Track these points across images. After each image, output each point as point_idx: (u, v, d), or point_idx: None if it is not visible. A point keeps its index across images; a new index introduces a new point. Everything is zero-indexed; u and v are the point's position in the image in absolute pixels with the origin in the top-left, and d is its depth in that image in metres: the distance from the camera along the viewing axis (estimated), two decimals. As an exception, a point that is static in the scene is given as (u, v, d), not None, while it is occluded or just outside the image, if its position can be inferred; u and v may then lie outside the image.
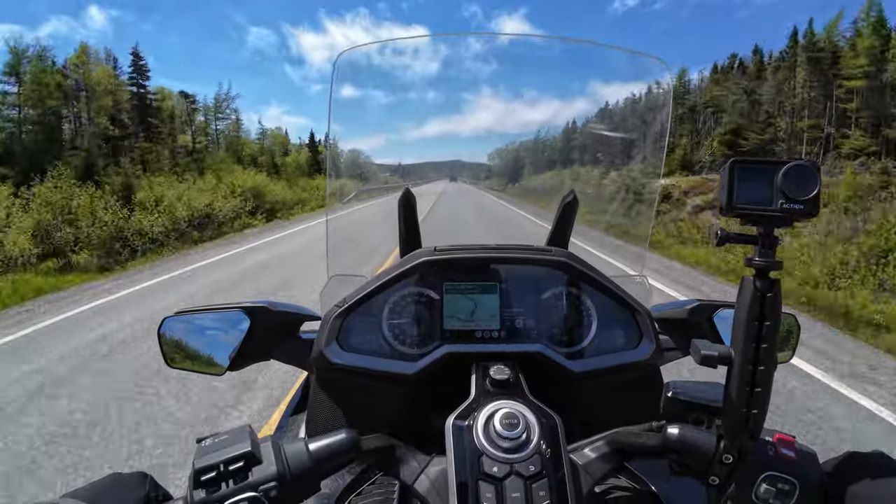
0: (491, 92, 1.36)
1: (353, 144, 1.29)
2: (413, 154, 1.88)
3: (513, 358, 0.73)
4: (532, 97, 1.38)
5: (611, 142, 1.39)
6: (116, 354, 4.33)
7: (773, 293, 0.46)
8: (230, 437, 0.50)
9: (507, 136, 2.01)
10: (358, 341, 0.79)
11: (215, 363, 0.81)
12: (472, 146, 1.98)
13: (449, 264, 0.80)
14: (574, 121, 1.55)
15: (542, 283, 0.82)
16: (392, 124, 1.39)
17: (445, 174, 2.50)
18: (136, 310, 5.85)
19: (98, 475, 0.54)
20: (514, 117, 1.49)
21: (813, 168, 0.45)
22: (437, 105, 1.44)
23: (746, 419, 0.48)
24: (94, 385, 3.68)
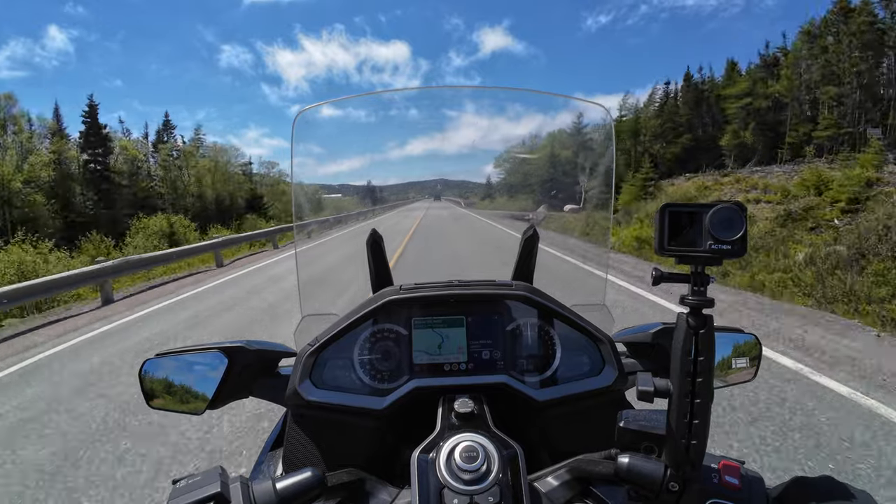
0: (441, 136, 1.43)
1: (321, 171, 1.32)
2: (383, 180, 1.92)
3: (479, 390, 0.76)
4: (486, 142, 1.44)
5: (564, 182, 1.46)
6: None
7: (705, 329, 0.49)
8: (202, 479, 0.52)
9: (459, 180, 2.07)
10: (330, 378, 0.81)
11: (195, 402, 0.82)
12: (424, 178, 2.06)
13: (415, 302, 0.83)
14: (526, 162, 1.62)
15: (507, 316, 0.85)
16: (356, 160, 1.44)
17: (427, 194, 2.55)
18: None
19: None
20: (468, 161, 1.55)
21: (738, 210, 0.48)
22: (388, 152, 1.50)
23: (686, 449, 0.51)
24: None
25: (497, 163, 1.68)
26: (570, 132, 1.29)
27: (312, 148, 1.15)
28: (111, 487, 2.53)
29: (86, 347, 5.36)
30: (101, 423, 3.30)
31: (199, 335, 5.49)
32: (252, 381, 0.86)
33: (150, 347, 5.09)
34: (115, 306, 7.72)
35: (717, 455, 0.55)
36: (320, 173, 1.31)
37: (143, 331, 5.89)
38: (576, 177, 1.36)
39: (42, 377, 4.43)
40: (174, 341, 5.35)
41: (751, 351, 0.91)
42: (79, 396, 3.84)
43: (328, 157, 1.26)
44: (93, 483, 2.59)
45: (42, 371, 4.63)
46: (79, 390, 3.97)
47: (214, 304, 7.24)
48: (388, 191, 2.30)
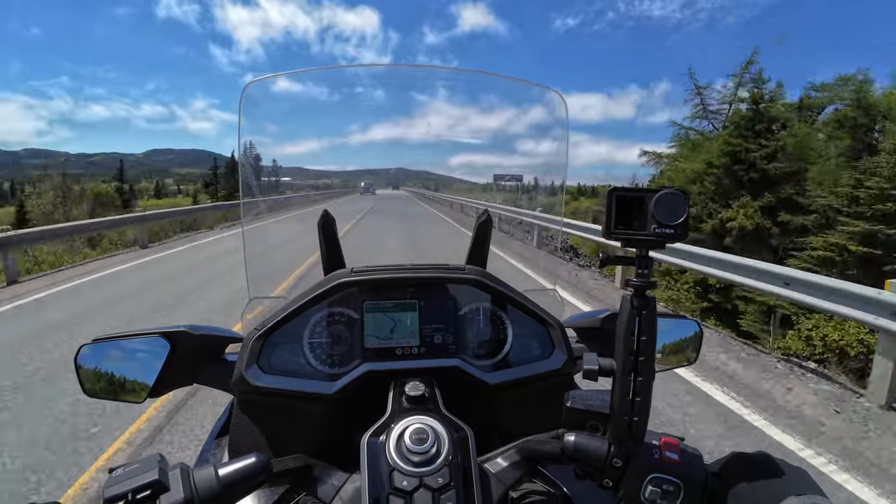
0: (396, 116, 1.41)
1: (276, 151, 1.27)
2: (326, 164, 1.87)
3: (431, 373, 0.76)
4: (442, 123, 1.43)
5: (518, 168, 1.49)
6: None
7: (648, 310, 0.51)
8: (140, 466, 0.50)
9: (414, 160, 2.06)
10: (279, 363, 0.79)
11: (136, 390, 0.79)
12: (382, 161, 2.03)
13: (367, 285, 0.82)
14: (479, 148, 1.64)
15: (460, 300, 0.86)
16: (314, 138, 1.40)
17: (387, 182, 2.52)
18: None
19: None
20: (420, 144, 1.54)
21: (682, 196, 0.50)
22: (341, 130, 1.46)
23: (629, 426, 0.53)
24: None
25: (456, 151, 1.68)
26: (528, 117, 1.30)
27: (265, 125, 1.10)
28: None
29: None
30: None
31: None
32: (196, 368, 0.83)
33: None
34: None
35: (659, 433, 0.57)
36: (275, 153, 1.26)
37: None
38: (531, 163, 1.38)
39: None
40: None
41: (692, 336, 0.96)
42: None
43: (282, 136, 1.21)
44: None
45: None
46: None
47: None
48: (345, 176, 2.25)
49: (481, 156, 1.63)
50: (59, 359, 4.04)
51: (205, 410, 3.13)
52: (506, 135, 1.40)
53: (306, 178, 1.88)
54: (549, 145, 1.23)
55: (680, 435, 0.58)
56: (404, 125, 1.48)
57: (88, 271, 8.31)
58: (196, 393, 3.30)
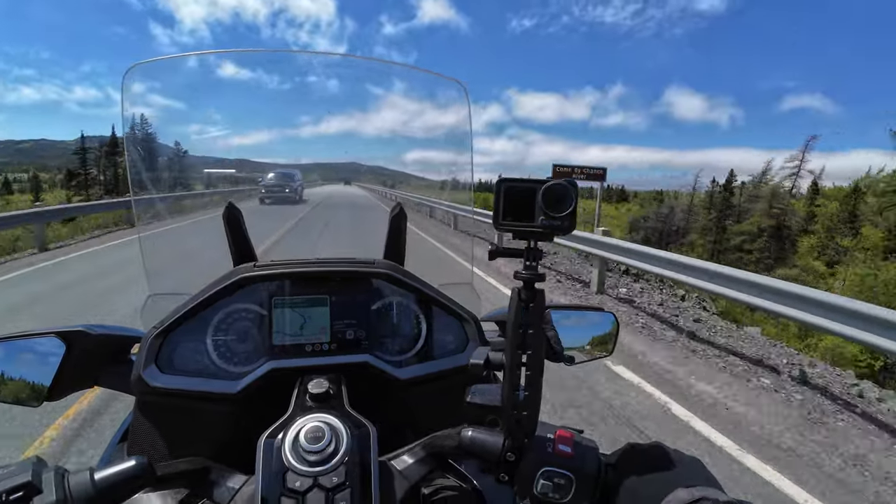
0: (295, 107, 1.35)
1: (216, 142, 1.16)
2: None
3: (340, 370, 0.74)
4: (341, 115, 1.39)
5: (425, 161, 1.49)
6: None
7: (536, 302, 0.51)
8: (15, 469, 0.48)
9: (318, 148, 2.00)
10: (180, 362, 0.75)
11: (31, 394, 0.74)
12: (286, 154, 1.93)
13: (272, 279, 0.78)
14: (382, 139, 1.62)
15: (372, 295, 0.83)
16: (201, 124, 1.30)
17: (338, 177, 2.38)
18: None
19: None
20: (323, 131, 1.50)
21: (569, 187, 0.49)
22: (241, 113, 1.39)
23: (517, 421, 0.53)
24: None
25: (362, 143, 1.64)
26: (431, 107, 1.30)
27: (154, 112, 1.02)
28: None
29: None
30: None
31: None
32: (97, 369, 0.79)
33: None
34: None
35: (555, 425, 0.57)
36: (211, 143, 1.16)
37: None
38: (437, 154, 1.38)
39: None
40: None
41: (609, 328, 0.96)
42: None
43: (172, 123, 1.11)
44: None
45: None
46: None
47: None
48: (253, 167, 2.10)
49: (390, 150, 1.61)
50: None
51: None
52: (410, 126, 1.39)
53: (253, 170, 1.73)
54: (452, 133, 1.21)
55: (578, 427, 0.58)
56: (296, 111, 1.41)
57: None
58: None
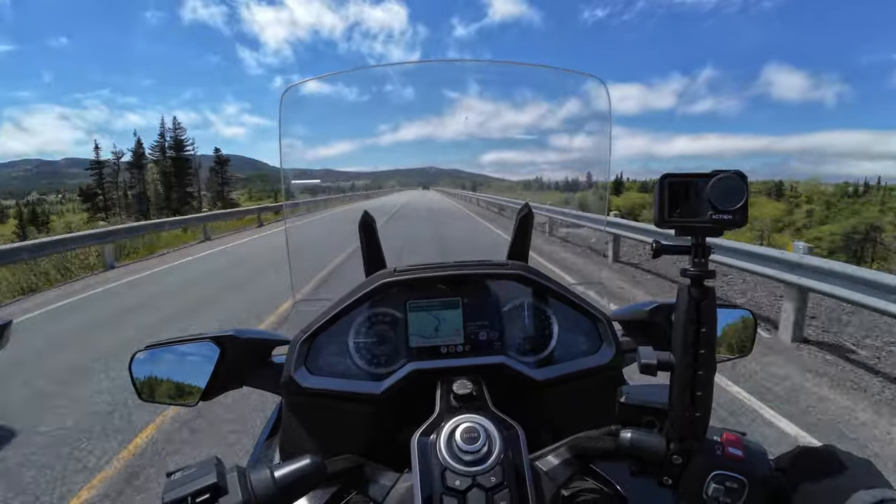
0: (428, 114, 1.40)
1: (309, 154, 1.29)
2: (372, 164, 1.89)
3: (477, 371, 0.75)
4: (476, 119, 1.41)
5: (559, 159, 1.46)
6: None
7: (707, 300, 0.49)
8: (198, 470, 0.51)
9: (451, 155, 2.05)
10: (326, 364, 0.80)
11: (188, 394, 0.81)
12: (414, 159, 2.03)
13: (410, 284, 0.82)
14: (520, 140, 1.62)
15: (504, 296, 0.85)
16: (347, 139, 1.41)
17: (416, 182, 2.48)
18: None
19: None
20: (459, 139, 1.53)
21: (740, 179, 0.47)
22: (374, 130, 1.47)
23: (690, 422, 0.51)
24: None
25: (488, 148, 1.67)
26: (565, 107, 1.27)
27: (299, 129, 1.11)
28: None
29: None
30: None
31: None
32: (245, 371, 0.85)
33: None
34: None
35: (719, 428, 0.55)
36: (308, 156, 1.29)
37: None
38: (571, 153, 1.35)
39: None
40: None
41: (746, 327, 0.92)
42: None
43: (316, 140, 1.23)
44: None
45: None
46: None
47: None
48: (376, 177, 2.26)
49: (515, 152, 1.61)
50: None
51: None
52: (541, 128, 1.38)
53: (339, 179, 1.91)
54: (588, 137, 1.19)
55: (741, 430, 0.56)
56: (435, 123, 1.48)
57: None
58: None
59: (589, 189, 1.39)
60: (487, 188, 2.77)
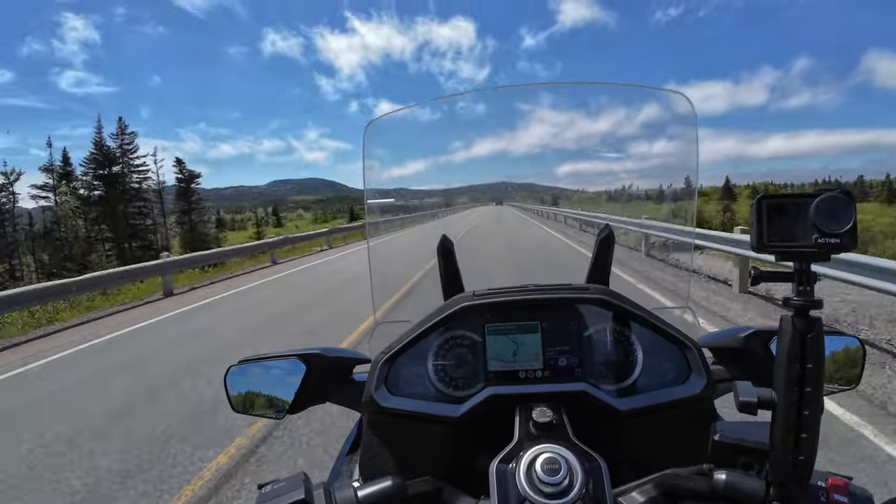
0: (509, 135, 1.40)
1: (385, 175, 1.36)
2: (452, 180, 1.94)
3: (556, 398, 0.73)
4: (549, 130, 1.40)
5: (637, 168, 1.40)
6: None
7: (813, 333, 0.45)
8: (287, 485, 0.54)
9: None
10: (405, 385, 0.81)
11: (276, 408, 0.86)
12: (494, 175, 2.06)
13: (492, 308, 0.82)
14: (598, 150, 1.57)
15: (584, 321, 0.82)
16: (420, 158, 1.46)
17: (489, 198, 2.50)
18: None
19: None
20: (533, 152, 1.52)
21: (847, 199, 0.44)
22: (448, 150, 1.50)
23: (794, 466, 0.47)
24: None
25: (565, 156, 1.64)
26: (649, 124, 1.22)
27: (378, 152, 1.17)
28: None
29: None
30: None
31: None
32: (328, 387, 0.89)
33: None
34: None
35: (823, 472, 0.50)
36: (384, 177, 1.35)
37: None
38: (651, 161, 1.29)
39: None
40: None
41: (853, 355, 0.83)
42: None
43: (392, 161, 1.28)
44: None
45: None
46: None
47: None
48: (450, 194, 2.31)
49: (592, 163, 1.57)
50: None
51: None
52: (618, 136, 1.33)
53: (415, 198, 1.99)
54: (672, 150, 1.14)
55: (847, 475, 0.51)
56: (508, 138, 1.48)
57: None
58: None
59: (675, 201, 1.32)
60: (565, 201, 2.71)
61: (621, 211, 5.74)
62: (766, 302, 6.01)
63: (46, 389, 4.67)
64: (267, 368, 0.88)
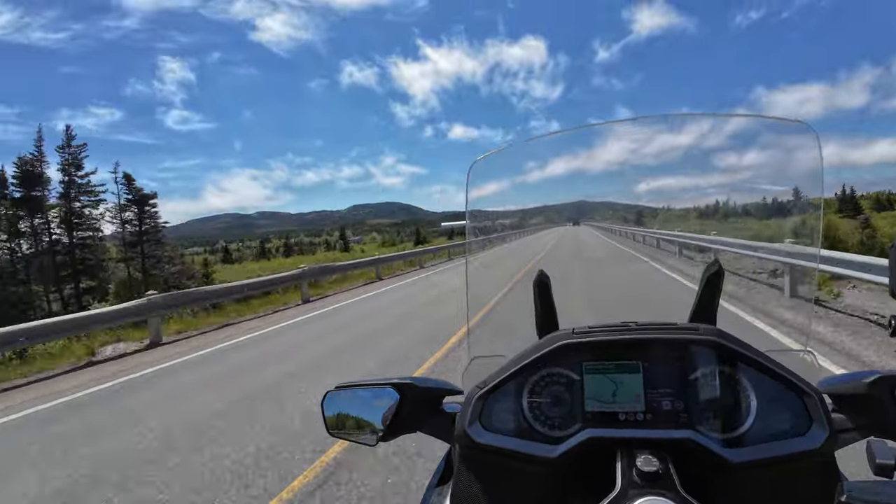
0: (583, 146, 1.36)
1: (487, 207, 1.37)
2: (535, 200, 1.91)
3: (660, 445, 0.69)
4: (629, 146, 1.33)
5: (758, 211, 1.28)
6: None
7: None
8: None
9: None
10: (499, 421, 0.80)
11: (369, 434, 0.88)
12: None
13: (593, 347, 0.79)
14: (713, 192, 1.47)
15: (690, 362, 0.77)
16: (494, 181, 1.47)
17: (566, 218, 2.42)
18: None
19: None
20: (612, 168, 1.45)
21: None
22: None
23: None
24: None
25: (651, 176, 1.53)
26: (765, 154, 1.12)
27: (483, 189, 1.21)
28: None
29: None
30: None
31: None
32: (420, 417, 0.90)
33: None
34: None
35: None
36: (487, 207, 1.36)
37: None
38: (770, 205, 1.17)
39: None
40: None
41: None
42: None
43: (497, 197, 1.30)
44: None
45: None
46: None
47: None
48: (525, 215, 2.26)
49: (677, 178, 1.45)
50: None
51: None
52: (703, 147, 1.24)
53: (487, 219, 1.99)
54: (795, 185, 1.06)
55: None
56: (584, 156, 1.43)
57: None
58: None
59: (784, 216, 1.18)
60: (652, 220, 2.56)
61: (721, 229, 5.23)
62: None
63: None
64: (361, 395, 0.90)
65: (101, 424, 4.64)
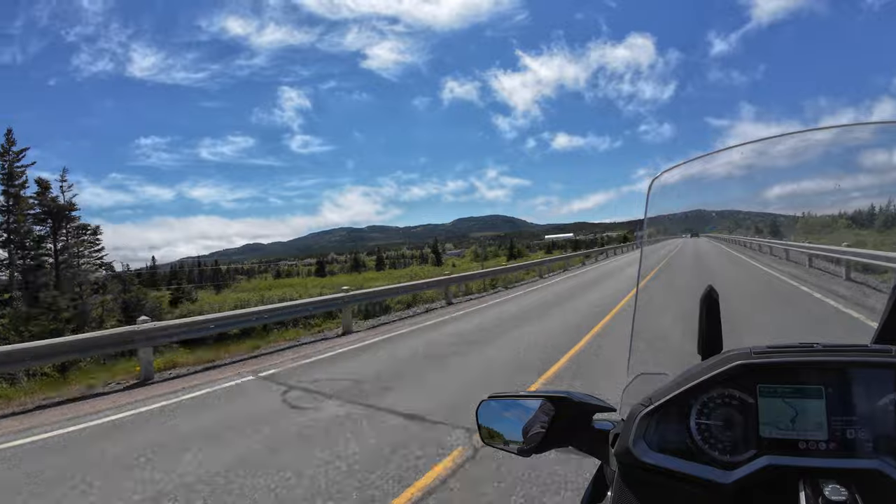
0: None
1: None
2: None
3: (845, 475, 0.64)
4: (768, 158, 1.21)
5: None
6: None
7: None
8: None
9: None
10: (663, 441, 0.76)
11: (522, 445, 0.89)
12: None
13: (774, 368, 0.73)
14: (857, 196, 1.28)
15: (877, 387, 0.69)
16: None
17: (682, 229, 2.21)
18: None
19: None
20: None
21: None
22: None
23: None
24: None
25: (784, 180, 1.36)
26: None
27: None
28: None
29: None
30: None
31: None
32: (571, 432, 0.88)
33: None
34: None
35: None
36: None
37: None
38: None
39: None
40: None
41: None
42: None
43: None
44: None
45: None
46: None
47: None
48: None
49: (815, 181, 1.28)
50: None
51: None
52: (847, 145, 1.08)
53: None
54: None
55: None
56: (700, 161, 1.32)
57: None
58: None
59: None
60: (789, 230, 2.24)
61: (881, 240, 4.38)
62: None
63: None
64: (514, 406, 0.91)
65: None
